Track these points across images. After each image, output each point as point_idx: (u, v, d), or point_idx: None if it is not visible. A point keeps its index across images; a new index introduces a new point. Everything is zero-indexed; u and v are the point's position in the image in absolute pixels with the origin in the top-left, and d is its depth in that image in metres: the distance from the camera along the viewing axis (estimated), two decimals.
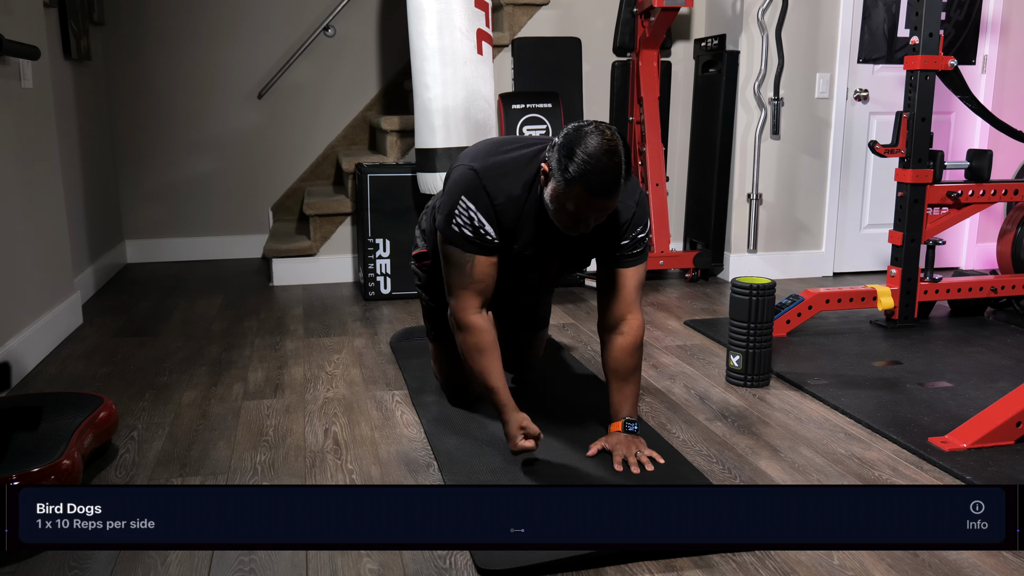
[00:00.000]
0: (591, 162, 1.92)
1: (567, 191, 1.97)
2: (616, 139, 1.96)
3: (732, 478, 2.13)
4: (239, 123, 4.94)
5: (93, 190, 4.24)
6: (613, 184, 1.95)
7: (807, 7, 4.24)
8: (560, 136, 2.01)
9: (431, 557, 1.76)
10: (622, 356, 2.21)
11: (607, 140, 1.94)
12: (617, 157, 1.94)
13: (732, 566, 1.73)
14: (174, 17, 4.77)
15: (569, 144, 1.95)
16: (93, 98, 4.38)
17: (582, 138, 1.95)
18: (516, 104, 4.14)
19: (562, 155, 1.96)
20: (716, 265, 4.45)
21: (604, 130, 1.96)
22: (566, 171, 1.95)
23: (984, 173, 3.43)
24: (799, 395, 2.74)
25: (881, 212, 4.55)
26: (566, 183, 1.96)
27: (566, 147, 1.96)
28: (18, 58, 2.92)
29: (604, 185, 1.94)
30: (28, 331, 2.98)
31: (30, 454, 1.90)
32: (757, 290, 2.73)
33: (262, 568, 1.73)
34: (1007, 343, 3.26)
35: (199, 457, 2.26)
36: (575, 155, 1.93)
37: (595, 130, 1.96)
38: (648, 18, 4.15)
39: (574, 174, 1.94)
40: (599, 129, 1.96)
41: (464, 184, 2.12)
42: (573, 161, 1.93)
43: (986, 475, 2.12)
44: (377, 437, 2.40)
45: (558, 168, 1.97)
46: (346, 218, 4.30)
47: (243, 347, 3.25)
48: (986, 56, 4.50)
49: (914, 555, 1.77)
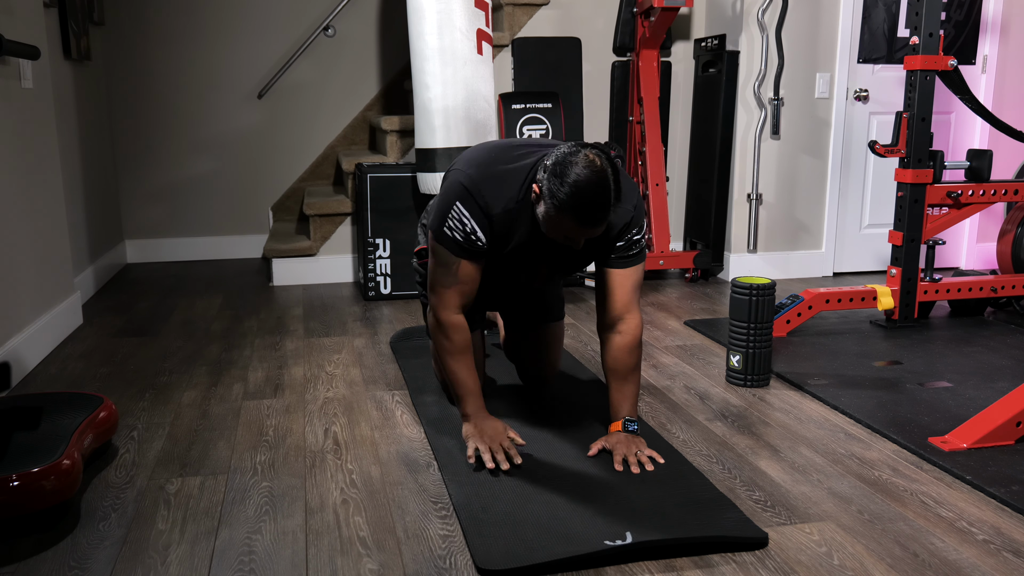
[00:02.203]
0: (579, 195, 1.92)
1: (557, 219, 1.98)
2: (605, 169, 1.95)
3: (732, 478, 2.13)
4: (239, 123, 4.94)
5: (93, 190, 4.24)
6: (602, 216, 1.96)
7: (807, 7, 4.24)
8: (550, 159, 2.00)
9: (431, 557, 1.76)
10: (621, 355, 2.22)
11: (596, 172, 1.93)
12: (606, 189, 1.94)
13: (732, 566, 1.73)
14: (174, 17, 4.77)
15: (559, 173, 1.95)
16: (93, 98, 4.38)
17: (571, 168, 1.94)
18: (516, 104, 4.14)
19: (552, 184, 1.96)
20: (716, 265, 4.45)
21: (594, 159, 1.95)
22: (555, 199, 1.95)
23: (984, 173, 3.43)
24: (799, 395, 2.74)
25: (881, 212, 4.55)
26: (556, 211, 1.97)
27: (556, 176, 1.95)
28: (18, 58, 2.92)
29: (593, 218, 1.95)
30: (28, 331, 2.98)
31: (30, 454, 1.90)
32: (757, 290, 2.73)
33: (262, 568, 1.73)
34: (1007, 343, 3.26)
35: (199, 457, 2.26)
36: (564, 185, 1.93)
37: (584, 160, 1.95)
38: (648, 18, 4.15)
39: (563, 205, 1.94)
40: (588, 159, 1.95)
41: (460, 191, 2.13)
42: (562, 191, 1.94)
43: (986, 475, 2.12)
44: (377, 437, 2.40)
45: (548, 195, 1.98)
46: (346, 218, 4.30)
47: (243, 347, 3.25)
48: (986, 56, 4.50)
49: (914, 555, 1.77)
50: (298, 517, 1.93)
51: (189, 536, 1.85)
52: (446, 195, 2.16)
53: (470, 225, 2.12)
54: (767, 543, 1.81)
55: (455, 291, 2.17)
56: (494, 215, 2.12)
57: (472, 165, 2.16)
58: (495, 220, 2.13)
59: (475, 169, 2.14)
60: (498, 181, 2.13)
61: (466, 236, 2.12)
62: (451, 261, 2.16)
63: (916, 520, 1.92)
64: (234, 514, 1.95)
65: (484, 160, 2.17)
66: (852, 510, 1.96)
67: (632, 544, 1.74)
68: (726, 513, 1.89)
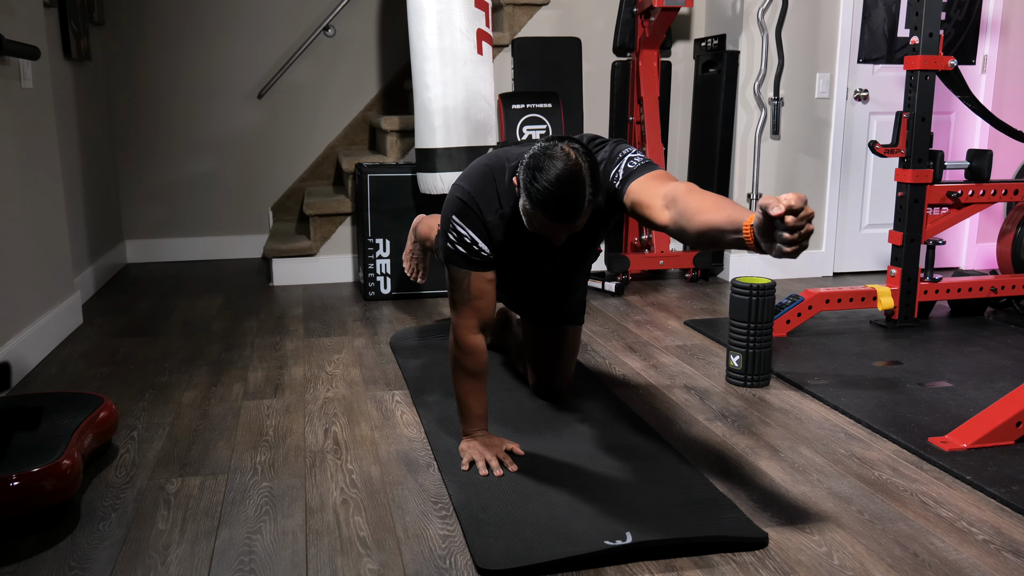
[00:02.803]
0: (551, 190, 1.91)
1: (532, 213, 1.98)
2: (579, 163, 1.92)
3: (732, 478, 2.13)
4: (239, 123, 4.94)
5: (93, 190, 4.24)
6: (574, 211, 1.94)
7: (807, 7, 4.24)
8: (529, 154, 1.99)
9: (431, 557, 1.76)
10: (694, 200, 1.82)
11: (569, 167, 1.91)
12: (579, 183, 1.91)
13: (732, 566, 1.73)
14: (174, 17, 4.77)
15: (535, 167, 1.94)
16: (93, 98, 4.38)
17: (546, 162, 1.93)
18: (516, 104, 4.14)
19: (528, 177, 1.95)
20: (716, 265, 4.45)
21: (570, 152, 1.93)
22: (528, 193, 1.95)
23: (984, 173, 3.43)
24: (799, 395, 2.74)
25: (881, 212, 4.55)
26: (531, 205, 1.96)
27: (532, 169, 1.94)
28: (18, 58, 2.92)
29: (564, 213, 1.94)
30: (28, 331, 2.98)
31: (30, 454, 1.90)
32: (757, 290, 2.73)
33: (262, 568, 1.73)
34: (1007, 343, 3.26)
35: (199, 457, 2.26)
36: (538, 180, 1.92)
37: (560, 153, 1.93)
38: (648, 18, 4.15)
39: (536, 200, 1.94)
40: (564, 153, 1.93)
41: (456, 205, 2.17)
42: (535, 186, 1.93)
43: (986, 475, 2.12)
44: (377, 437, 2.40)
45: (524, 188, 1.97)
46: (346, 218, 4.30)
47: (243, 347, 3.25)
48: (986, 56, 4.50)
49: (914, 555, 1.77)
50: (298, 517, 1.93)
51: (189, 536, 1.85)
52: (445, 213, 2.21)
53: (469, 236, 2.14)
54: (767, 543, 1.81)
55: (470, 309, 2.18)
56: (489, 222, 2.16)
57: (465, 179, 2.20)
58: (491, 227, 2.16)
59: (468, 182, 2.18)
60: (489, 189, 2.16)
61: (468, 248, 2.15)
62: (461, 277, 2.18)
63: (916, 520, 1.92)
64: (234, 514, 1.95)
65: (476, 172, 2.20)
66: (852, 510, 1.96)
67: (632, 544, 1.74)
68: (726, 513, 1.89)
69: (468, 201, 2.15)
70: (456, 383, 2.23)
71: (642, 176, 2.03)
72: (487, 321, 2.21)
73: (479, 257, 2.16)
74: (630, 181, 2.05)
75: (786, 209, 1.50)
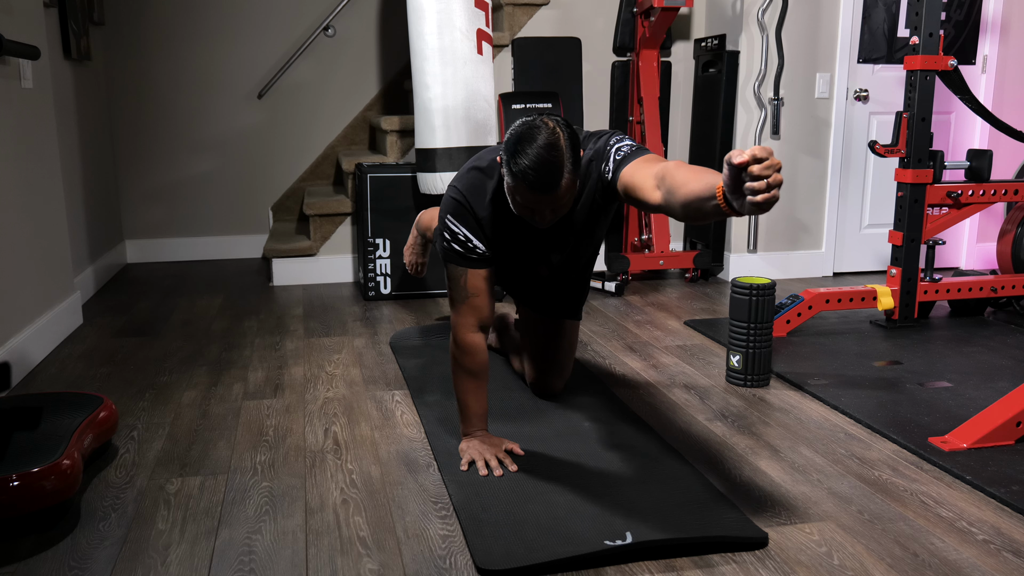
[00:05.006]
0: (530, 158, 1.92)
1: (514, 186, 1.98)
2: (558, 133, 1.94)
3: (732, 478, 2.13)
4: (239, 123, 4.94)
5: (93, 190, 4.24)
6: (554, 180, 1.94)
7: (807, 7, 4.24)
8: (510, 130, 2.02)
9: (431, 557, 1.76)
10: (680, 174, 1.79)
11: (547, 136, 1.93)
12: (557, 151, 1.93)
13: (732, 566, 1.73)
14: (174, 17, 4.77)
15: (515, 140, 1.96)
16: (93, 98, 4.38)
17: (524, 134, 1.95)
18: (516, 104, 4.14)
19: (508, 152, 1.97)
20: (716, 265, 4.45)
21: (548, 122, 1.96)
22: (510, 168, 1.96)
23: (984, 173, 3.43)
24: (799, 395, 2.74)
25: (881, 212, 4.55)
26: (512, 179, 1.97)
27: (512, 143, 1.96)
28: (18, 58, 2.92)
29: (543, 182, 1.93)
30: (28, 331, 2.98)
31: (30, 454, 1.90)
32: (757, 290, 2.73)
33: (262, 568, 1.73)
34: (1007, 343, 3.26)
35: (199, 457, 2.26)
36: (517, 152, 1.94)
37: (539, 124, 1.96)
38: (648, 18, 4.15)
39: (516, 171, 1.95)
40: (544, 123, 1.96)
41: (450, 204, 2.20)
42: (515, 159, 1.94)
43: (986, 475, 2.12)
44: (377, 437, 2.40)
45: (505, 164, 1.99)
46: (346, 218, 4.30)
47: (243, 347, 3.25)
48: (986, 56, 4.50)
49: (914, 555, 1.77)
50: (298, 517, 1.93)
51: (189, 536, 1.85)
52: (440, 214, 2.23)
53: (463, 234, 2.17)
54: (767, 543, 1.81)
55: (468, 307, 2.19)
56: (481, 217, 2.18)
57: (458, 179, 2.23)
58: (484, 222, 2.18)
59: (460, 182, 2.22)
60: (480, 185, 2.19)
61: (463, 245, 2.17)
62: (458, 275, 2.20)
63: (916, 520, 1.92)
64: (234, 514, 1.95)
65: (467, 171, 2.23)
66: (852, 510, 1.96)
67: (632, 544, 1.74)
68: (726, 513, 1.89)
69: (461, 200, 2.18)
70: (456, 383, 2.24)
71: (632, 161, 2.04)
72: (486, 320, 2.22)
73: (475, 254, 2.18)
74: (621, 169, 2.06)
75: (750, 158, 1.45)
